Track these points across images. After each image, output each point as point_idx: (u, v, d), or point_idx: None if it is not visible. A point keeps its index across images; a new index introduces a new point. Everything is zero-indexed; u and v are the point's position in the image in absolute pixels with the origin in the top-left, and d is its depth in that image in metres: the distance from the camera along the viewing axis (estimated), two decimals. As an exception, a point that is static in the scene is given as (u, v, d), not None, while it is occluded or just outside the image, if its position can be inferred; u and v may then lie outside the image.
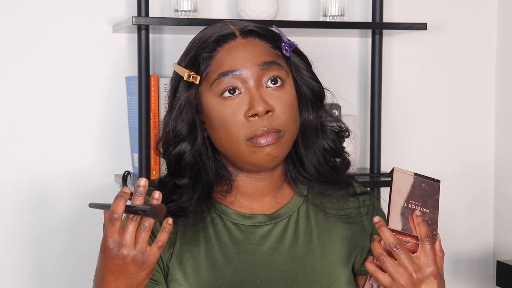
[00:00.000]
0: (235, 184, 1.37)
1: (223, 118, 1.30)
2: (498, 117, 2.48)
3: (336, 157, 1.41)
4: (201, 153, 1.34)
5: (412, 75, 2.43)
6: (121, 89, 2.20)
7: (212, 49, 1.32)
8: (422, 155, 2.45)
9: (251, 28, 1.34)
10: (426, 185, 1.23)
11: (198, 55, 1.32)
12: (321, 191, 1.40)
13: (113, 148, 2.20)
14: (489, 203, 2.51)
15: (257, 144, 1.29)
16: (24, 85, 2.13)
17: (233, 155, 1.32)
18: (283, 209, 1.38)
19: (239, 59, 1.30)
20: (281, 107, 1.31)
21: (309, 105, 1.37)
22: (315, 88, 1.38)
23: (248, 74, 1.30)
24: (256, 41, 1.33)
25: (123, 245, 1.14)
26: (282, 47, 1.35)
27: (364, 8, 2.35)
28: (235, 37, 1.32)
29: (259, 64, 1.31)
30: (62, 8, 2.14)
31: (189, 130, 1.33)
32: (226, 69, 1.30)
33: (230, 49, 1.31)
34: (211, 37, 1.33)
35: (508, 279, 2.18)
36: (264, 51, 1.33)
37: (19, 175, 2.14)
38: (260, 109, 1.28)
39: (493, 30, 2.47)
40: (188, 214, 1.33)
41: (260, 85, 1.31)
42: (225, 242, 1.34)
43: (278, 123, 1.30)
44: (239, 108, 1.30)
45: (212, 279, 1.32)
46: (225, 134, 1.30)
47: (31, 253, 2.15)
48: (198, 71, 1.32)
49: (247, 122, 1.29)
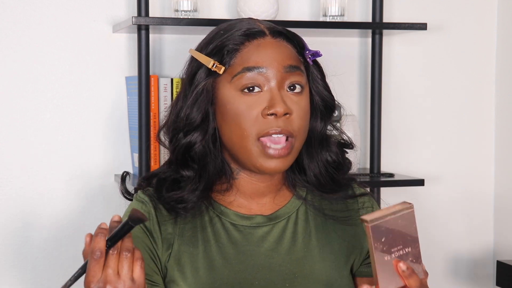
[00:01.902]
0: (235, 183, 1.37)
1: (238, 112, 1.30)
2: (498, 117, 2.48)
3: (337, 170, 1.41)
4: (209, 145, 1.34)
5: (412, 75, 2.43)
6: (121, 89, 2.20)
7: (239, 42, 1.31)
8: (422, 155, 2.45)
9: (280, 30, 1.35)
10: (402, 220, 1.16)
11: (224, 46, 1.32)
12: (319, 193, 1.40)
13: (113, 148, 2.20)
14: (489, 203, 2.51)
15: (267, 153, 1.29)
16: (24, 85, 2.13)
17: (240, 152, 1.32)
18: (282, 210, 1.38)
19: (266, 57, 1.31)
20: (298, 113, 1.31)
21: (318, 115, 1.38)
22: (328, 99, 1.39)
23: (272, 74, 1.30)
24: (284, 43, 1.34)
25: (108, 281, 1.10)
26: (306, 55, 1.35)
27: (364, 8, 2.35)
28: (265, 35, 1.33)
29: (285, 66, 1.31)
30: (62, 8, 2.14)
31: (202, 119, 1.33)
32: (252, 65, 1.30)
33: (259, 46, 1.31)
34: (239, 30, 1.32)
35: (508, 279, 2.18)
36: (291, 55, 1.33)
37: (19, 175, 2.13)
38: (280, 110, 1.28)
39: (493, 30, 2.47)
40: (188, 206, 1.32)
41: (281, 87, 1.31)
42: (223, 242, 1.34)
43: (293, 127, 1.30)
44: (256, 105, 1.30)
45: (210, 280, 1.32)
46: (236, 128, 1.30)
47: (31, 253, 2.15)
48: (221, 61, 1.31)
49: (262, 119, 1.29)
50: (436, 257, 2.48)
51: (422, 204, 2.44)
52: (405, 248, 1.17)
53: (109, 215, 2.10)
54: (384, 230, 1.14)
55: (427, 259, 2.43)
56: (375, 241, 1.14)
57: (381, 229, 1.14)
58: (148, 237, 1.33)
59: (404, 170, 2.41)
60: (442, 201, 2.48)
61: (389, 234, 1.15)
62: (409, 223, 1.17)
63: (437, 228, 2.47)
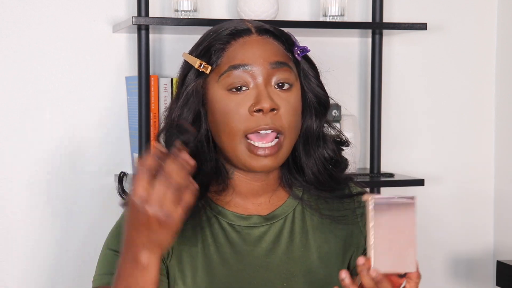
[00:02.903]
0: (231, 183, 1.37)
1: (227, 111, 1.30)
2: (498, 117, 2.48)
3: (335, 167, 1.41)
4: (203, 145, 1.34)
5: (412, 75, 2.43)
6: (121, 89, 2.20)
7: (225, 41, 1.32)
8: (422, 155, 2.45)
9: (267, 28, 1.35)
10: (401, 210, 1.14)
11: (211, 46, 1.32)
12: (316, 193, 1.41)
13: (113, 148, 2.20)
14: (489, 203, 2.51)
15: (254, 153, 1.29)
16: (24, 85, 2.13)
17: (229, 151, 1.32)
18: (279, 210, 1.38)
19: (251, 55, 1.31)
20: (285, 109, 1.31)
21: (313, 112, 1.38)
22: (321, 96, 1.38)
23: (258, 71, 1.30)
24: (270, 40, 1.34)
25: (147, 201, 1.09)
26: (294, 51, 1.35)
27: (364, 8, 2.35)
28: (251, 33, 1.33)
29: (271, 62, 1.31)
30: (62, 8, 2.14)
31: (194, 120, 1.33)
32: (238, 62, 1.30)
33: (245, 44, 1.32)
34: (226, 30, 1.33)
35: (508, 279, 2.18)
36: (277, 51, 1.33)
37: (19, 175, 2.14)
38: (266, 106, 1.28)
39: (493, 30, 2.47)
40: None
41: (268, 83, 1.31)
42: (221, 242, 1.34)
43: (281, 124, 1.30)
44: (244, 102, 1.30)
45: (208, 280, 1.32)
46: (225, 127, 1.30)
47: (31, 253, 2.15)
48: (209, 61, 1.32)
49: (250, 116, 1.29)
50: (436, 257, 2.48)
51: (422, 204, 2.44)
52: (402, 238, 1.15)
53: (109, 215, 2.11)
54: (385, 213, 1.13)
55: (427, 259, 2.45)
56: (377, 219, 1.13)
57: (382, 210, 1.12)
58: None
59: (404, 170, 2.41)
60: (442, 201, 2.48)
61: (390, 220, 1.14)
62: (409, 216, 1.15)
63: (437, 228, 2.47)
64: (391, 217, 1.14)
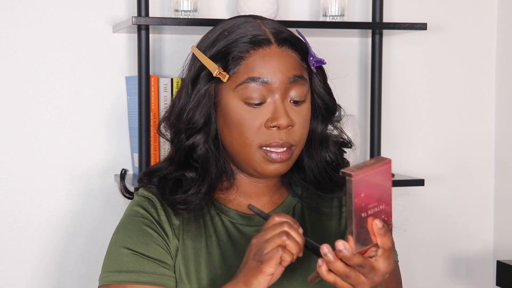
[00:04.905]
0: (235, 182, 1.38)
1: (241, 121, 1.30)
2: (498, 117, 2.48)
3: (336, 171, 1.41)
4: (211, 147, 1.35)
5: (412, 75, 2.43)
6: (121, 89, 2.20)
7: (244, 50, 1.31)
8: (422, 155, 2.45)
9: (286, 37, 1.34)
10: (380, 176, 1.12)
11: (229, 52, 1.31)
12: (315, 191, 1.41)
13: (113, 148, 2.20)
14: (489, 203, 2.51)
15: (269, 157, 1.30)
16: (24, 85, 2.13)
17: (241, 158, 1.33)
18: (279, 208, 1.40)
19: (271, 68, 1.30)
20: (299, 123, 1.32)
21: (319, 117, 1.39)
22: (329, 103, 1.39)
23: (276, 85, 1.30)
24: (289, 52, 1.33)
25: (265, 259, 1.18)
26: (310, 61, 1.35)
27: (364, 8, 2.35)
28: (270, 44, 1.32)
29: (290, 77, 1.31)
30: (62, 8, 2.14)
31: (205, 122, 1.33)
32: (257, 75, 1.30)
33: (264, 56, 1.31)
34: (244, 36, 1.32)
35: (508, 279, 2.18)
36: (295, 64, 1.33)
37: (19, 175, 2.13)
38: (283, 123, 1.29)
39: (493, 30, 2.47)
40: (191, 207, 1.33)
41: (285, 98, 1.31)
42: (223, 240, 1.36)
43: (294, 138, 1.31)
44: (259, 115, 1.30)
45: (211, 276, 1.33)
46: (238, 136, 1.31)
47: (31, 253, 2.15)
48: (225, 67, 1.31)
49: (264, 130, 1.30)
50: (436, 257, 2.48)
51: (422, 204, 2.44)
52: (379, 205, 1.13)
53: (109, 215, 2.11)
54: (365, 184, 1.11)
55: (427, 259, 2.45)
56: (356, 195, 1.10)
57: (363, 183, 1.10)
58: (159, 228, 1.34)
59: (404, 170, 2.41)
60: (442, 201, 2.48)
61: (368, 189, 1.11)
62: (386, 179, 1.14)
63: (437, 228, 2.47)
64: (370, 187, 1.12)
